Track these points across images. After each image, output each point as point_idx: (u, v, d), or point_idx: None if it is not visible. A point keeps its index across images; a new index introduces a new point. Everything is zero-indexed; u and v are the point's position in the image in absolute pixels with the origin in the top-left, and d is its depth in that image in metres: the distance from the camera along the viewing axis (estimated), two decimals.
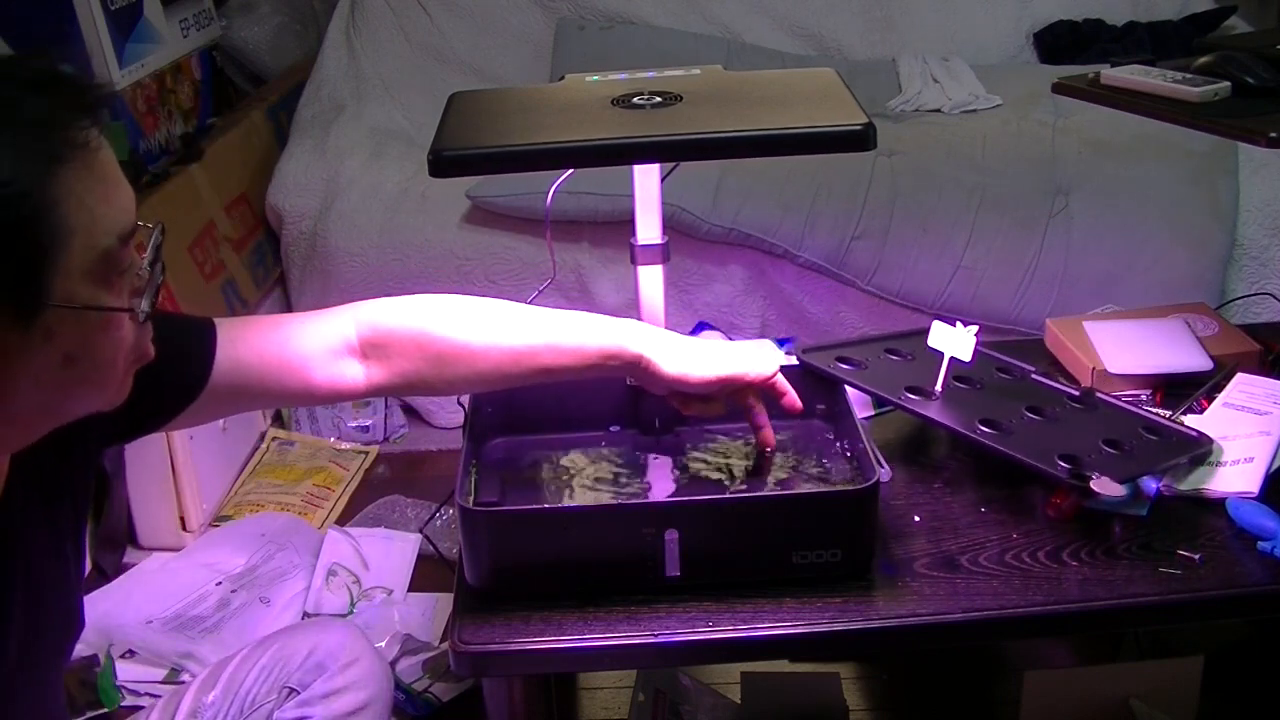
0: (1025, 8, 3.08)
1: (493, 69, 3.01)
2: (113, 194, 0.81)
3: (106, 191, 0.80)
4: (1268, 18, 3.17)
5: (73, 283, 0.78)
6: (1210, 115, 1.37)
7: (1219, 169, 2.36)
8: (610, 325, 1.14)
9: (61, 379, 0.81)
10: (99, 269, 0.80)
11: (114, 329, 0.82)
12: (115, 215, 0.81)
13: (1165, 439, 1.29)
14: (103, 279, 0.80)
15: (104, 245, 0.80)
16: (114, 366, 0.84)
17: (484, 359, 1.11)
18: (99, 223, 0.79)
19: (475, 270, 2.41)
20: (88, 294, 0.80)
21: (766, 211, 2.32)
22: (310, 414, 2.55)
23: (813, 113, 1.20)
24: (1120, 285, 2.26)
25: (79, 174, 0.78)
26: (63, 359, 0.80)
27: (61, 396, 0.83)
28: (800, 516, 1.12)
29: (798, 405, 1.22)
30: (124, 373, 0.86)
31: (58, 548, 0.96)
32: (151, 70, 2.46)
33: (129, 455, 2.09)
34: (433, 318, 1.11)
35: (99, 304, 0.80)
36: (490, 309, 1.14)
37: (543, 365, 1.13)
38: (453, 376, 1.12)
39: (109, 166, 0.81)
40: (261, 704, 1.22)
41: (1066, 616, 1.13)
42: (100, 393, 0.85)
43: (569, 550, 1.13)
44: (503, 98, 1.48)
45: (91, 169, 0.79)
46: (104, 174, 0.80)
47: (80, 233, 0.78)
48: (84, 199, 0.78)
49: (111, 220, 0.81)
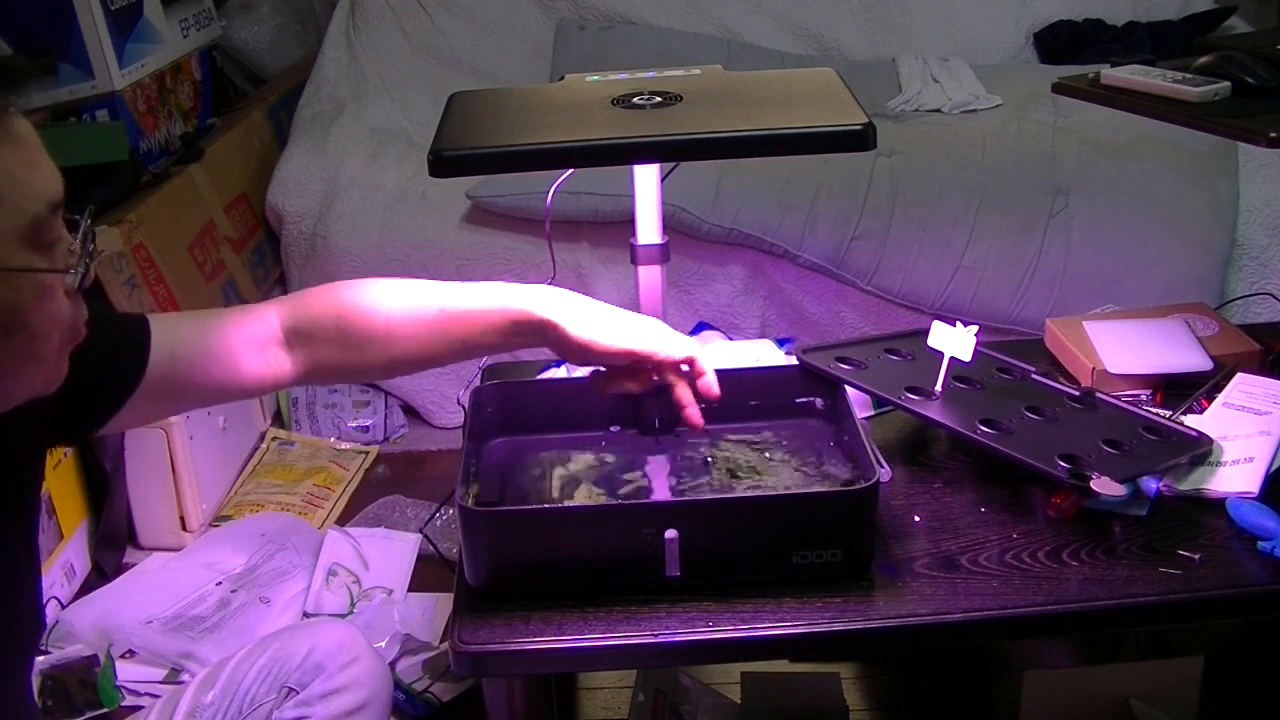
0: (1025, 8, 3.08)
1: (493, 69, 3.01)
2: (38, 162, 0.82)
3: (31, 159, 0.81)
4: (1268, 18, 3.17)
5: (3, 247, 0.79)
6: (1210, 115, 1.37)
7: (1219, 169, 2.36)
8: (521, 291, 1.12)
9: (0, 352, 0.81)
10: (29, 235, 0.80)
11: (48, 298, 0.83)
12: (42, 183, 0.82)
13: (1165, 439, 1.29)
14: (34, 246, 0.81)
15: (33, 212, 0.80)
16: (49, 339, 0.84)
17: (400, 337, 1.11)
18: (25, 189, 0.80)
19: (475, 270, 2.41)
20: (20, 259, 0.80)
21: (766, 211, 2.32)
22: (310, 414, 2.55)
23: (813, 113, 1.21)
24: (1120, 285, 2.26)
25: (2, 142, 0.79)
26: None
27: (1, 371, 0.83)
28: (800, 516, 1.12)
29: (714, 391, 1.18)
30: (59, 350, 0.86)
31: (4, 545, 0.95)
32: (151, 70, 2.46)
33: (129, 455, 2.09)
34: (347, 302, 1.11)
35: (32, 266, 0.81)
36: (403, 288, 1.13)
37: (458, 338, 1.12)
38: (375, 358, 1.12)
39: (30, 136, 0.82)
40: (260, 704, 1.22)
41: (1066, 616, 1.13)
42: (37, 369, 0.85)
43: (569, 550, 1.13)
44: (503, 98, 1.48)
45: (14, 137, 0.80)
46: (26, 143, 0.81)
47: (7, 199, 0.79)
48: (9, 166, 0.79)
49: (39, 188, 0.81)
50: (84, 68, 2.28)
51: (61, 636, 1.86)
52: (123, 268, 2.06)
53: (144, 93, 2.42)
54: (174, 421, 2.10)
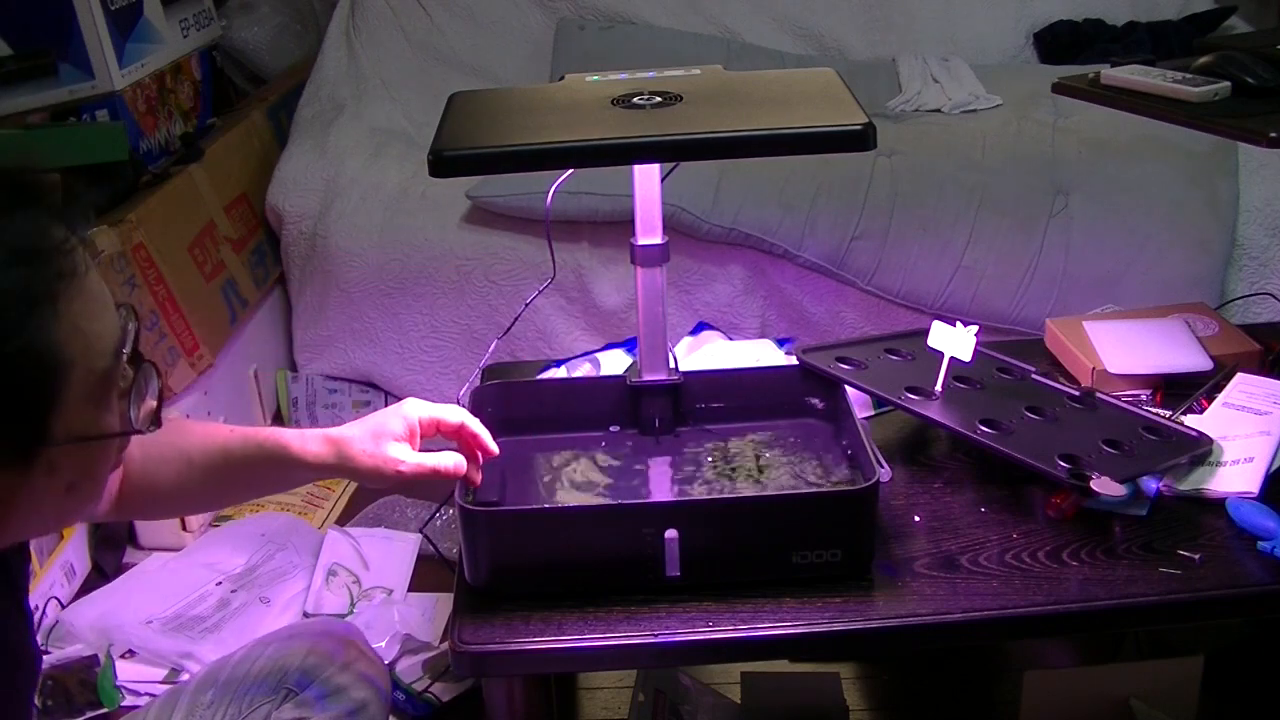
0: (1025, 8, 3.08)
1: (493, 69, 3.01)
2: (103, 311, 0.78)
3: (98, 311, 0.77)
4: (1268, 18, 3.17)
5: (73, 414, 0.75)
6: (1210, 115, 1.37)
7: (1219, 169, 2.36)
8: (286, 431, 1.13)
9: (62, 503, 0.79)
10: (97, 392, 0.77)
11: (112, 449, 0.81)
12: (108, 333, 0.78)
13: (1165, 439, 1.29)
14: (101, 400, 0.78)
15: (101, 367, 0.77)
16: (105, 479, 0.83)
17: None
18: (94, 346, 0.76)
19: (475, 270, 2.41)
20: (88, 421, 0.77)
21: (766, 211, 2.32)
22: (310, 414, 2.55)
23: (813, 113, 1.20)
24: (1120, 285, 2.26)
25: (72, 305, 0.74)
26: (65, 488, 0.78)
27: (58, 517, 0.82)
28: (800, 516, 1.12)
29: (492, 450, 1.18)
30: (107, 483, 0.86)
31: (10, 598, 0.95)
32: (151, 70, 2.46)
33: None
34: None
35: (100, 431, 0.78)
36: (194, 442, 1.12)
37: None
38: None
39: (96, 284, 0.77)
40: (260, 704, 1.22)
41: (1066, 616, 1.13)
42: (92, 506, 0.84)
43: (569, 550, 1.13)
44: (503, 98, 1.48)
45: (83, 293, 0.75)
46: (94, 293, 0.76)
47: (79, 362, 0.74)
48: (79, 326, 0.74)
49: (106, 340, 0.78)
50: (84, 68, 2.28)
51: (61, 636, 1.86)
52: (122, 268, 2.06)
53: (144, 93, 2.42)
54: None
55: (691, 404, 1.36)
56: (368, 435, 1.10)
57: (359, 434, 1.10)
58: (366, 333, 2.49)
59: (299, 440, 1.10)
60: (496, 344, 1.65)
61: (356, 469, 1.09)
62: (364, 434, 1.10)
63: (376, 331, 2.48)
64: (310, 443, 1.09)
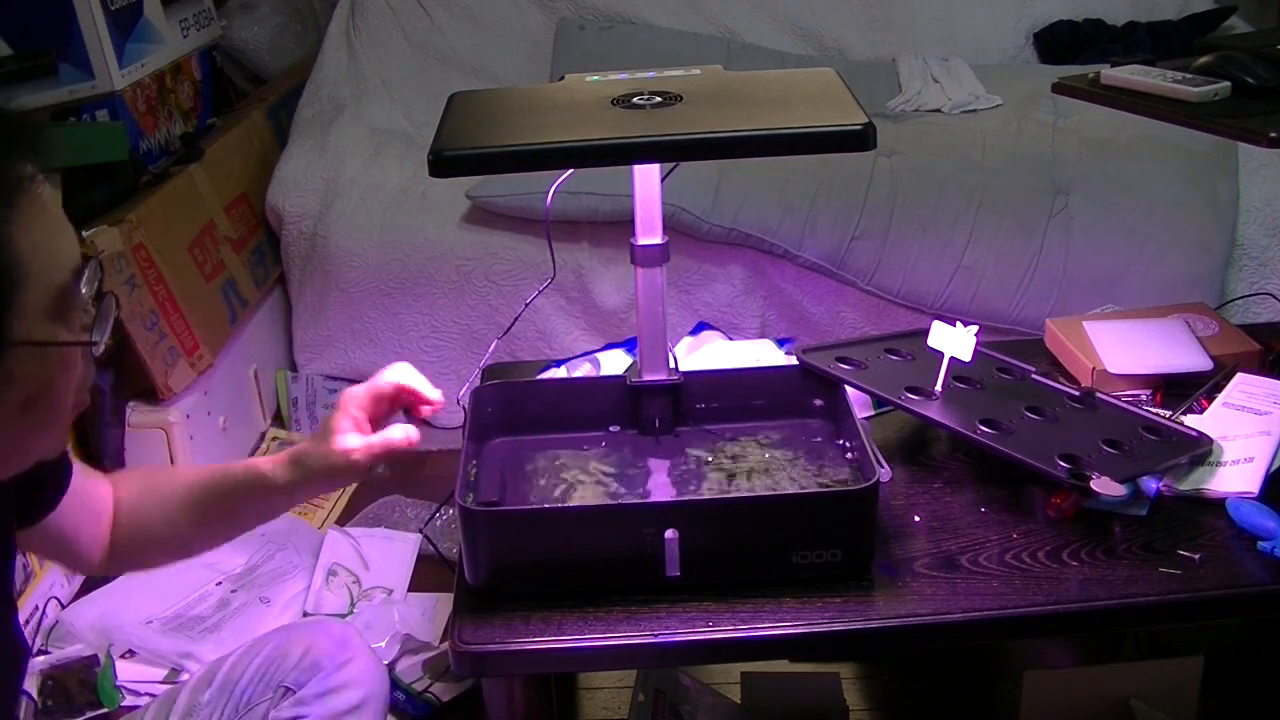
0: (1025, 8, 3.08)
1: (493, 69, 3.01)
2: (61, 229, 0.80)
3: (56, 227, 0.80)
4: (1268, 18, 3.17)
5: (31, 322, 0.77)
6: (1210, 115, 1.37)
7: (1219, 169, 2.36)
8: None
9: (19, 425, 0.80)
10: (55, 307, 0.79)
11: (71, 366, 0.82)
12: (67, 251, 0.80)
13: (1165, 439, 1.29)
14: (59, 316, 0.80)
15: (59, 282, 0.79)
16: (66, 406, 0.84)
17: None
18: (53, 259, 0.79)
19: (475, 270, 2.41)
20: (46, 332, 0.79)
21: (766, 211, 2.32)
22: (310, 414, 2.55)
23: (813, 113, 1.20)
24: (1120, 285, 2.26)
25: (29, 212, 0.77)
26: (22, 403, 0.79)
27: (18, 443, 0.83)
28: (800, 516, 1.12)
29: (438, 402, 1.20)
30: (70, 414, 0.85)
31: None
32: (151, 70, 2.46)
33: (129, 455, 2.09)
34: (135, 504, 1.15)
35: (59, 340, 0.80)
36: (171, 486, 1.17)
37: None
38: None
39: (53, 202, 0.80)
40: (257, 703, 1.22)
41: (1066, 616, 1.13)
42: (53, 435, 0.85)
43: (569, 550, 1.13)
44: (503, 98, 1.48)
45: (40, 206, 0.78)
46: (50, 210, 0.79)
47: (36, 272, 0.77)
48: (36, 237, 0.77)
49: (64, 256, 0.80)
50: (84, 68, 2.28)
51: (61, 636, 1.86)
52: (122, 268, 2.06)
53: (144, 93, 2.42)
54: (174, 421, 2.11)
55: (691, 404, 1.36)
56: (317, 438, 1.13)
57: (309, 442, 1.13)
58: (366, 333, 2.49)
59: (269, 465, 1.13)
60: (496, 344, 1.65)
61: (317, 473, 1.12)
62: (313, 439, 1.13)
63: (376, 331, 2.49)
64: (276, 465, 1.13)
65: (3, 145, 0.77)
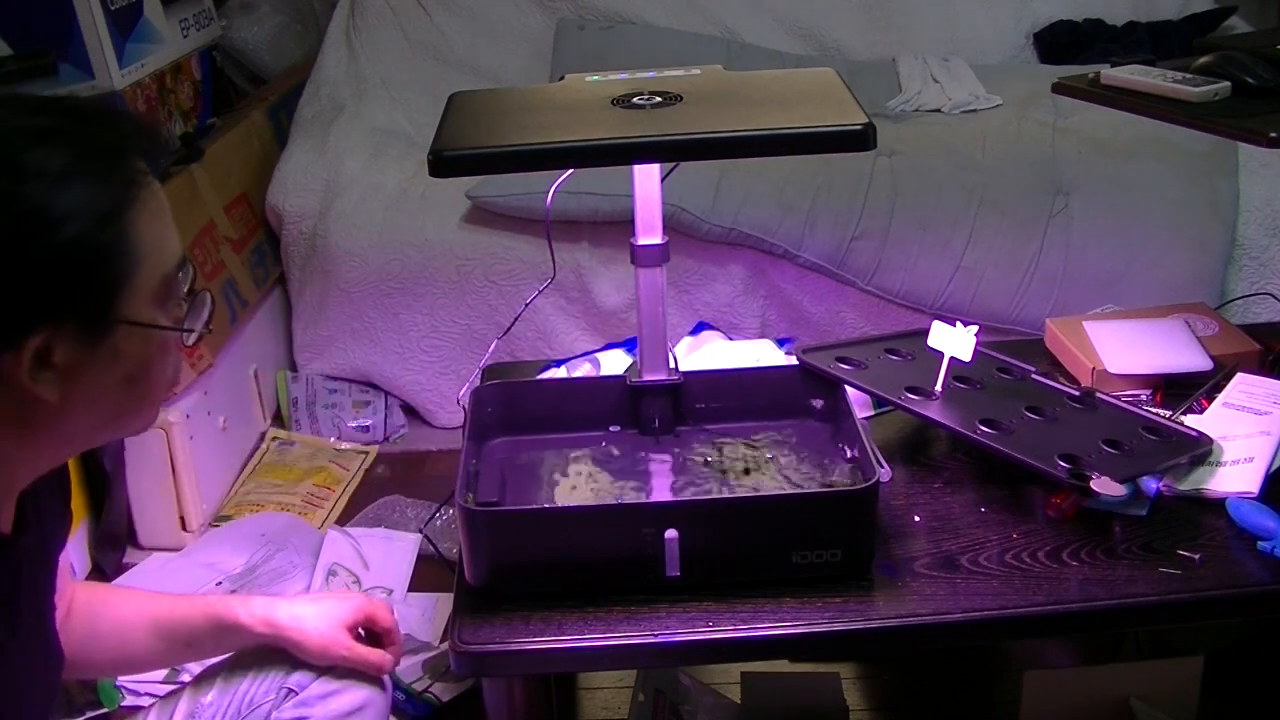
0: (1025, 8, 3.08)
1: (493, 69, 3.01)
2: (169, 225, 0.88)
3: (167, 221, 0.87)
4: (1268, 18, 3.17)
5: (139, 305, 0.85)
6: (1210, 115, 1.37)
7: (1219, 169, 2.36)
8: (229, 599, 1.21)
9: (118, 399, 0.87)
10: (160, 294, 0.87)
11: (169, 351, 0.89)
12: (174, 244, 0.88)
13: (1165, 439, 1.29)
14: (162, 304, 0.87)
15: (165, 271, 0.87)
16: (160, 390, 0.91)
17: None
18: (163, 250, 0.86)
19: (475, 270, 2.41)
20: (151, 316, 0.86)
21: (766, 211, 2.32)
22: (310, 414, 2.55)
23: (813, 113, 1.20)
24: (1120, 285, 2.26)
25: (149, 205, 0.84)
26: (123, 378, 0.86)
27: (114, 416, 0.88)
28: (800, 516, 1.12)
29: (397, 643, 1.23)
30: (163, 396, 0.92)
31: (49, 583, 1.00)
32: (151, 70, 2.46)
33: (129, 455, 2.09)
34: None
35: (163, 324, 0.87)
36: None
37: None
38: None
39: (163, 200, 0.87)
40: (260, 704, 1.22)
41: (1066, 616, 1.13)
42: (145, 415, 0.91)
43: (569, 550, 1.13)
44: (503, 98, 1.48)
45: (157, 200, 0.86)
46: (164, 204, 0.87)
47: (149, 258, 0.84)
48: (153, 226, 0.85)
49: (172, 247, 0.88)
50: (84, 68, 2.28)
51: None
52: None
53: (144, 93, 2.42)
54: (174, 421, 2.10)
55: (691, 404, 1.36)
56: (321, 617, 1.17)
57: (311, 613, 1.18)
58: (366, 333, 2.49)
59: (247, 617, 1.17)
60: (496, 344, 1.65)
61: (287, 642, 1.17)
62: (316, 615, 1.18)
63: (376, 331, 2.49)
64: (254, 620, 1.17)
65: (126, 142, 0.85)
